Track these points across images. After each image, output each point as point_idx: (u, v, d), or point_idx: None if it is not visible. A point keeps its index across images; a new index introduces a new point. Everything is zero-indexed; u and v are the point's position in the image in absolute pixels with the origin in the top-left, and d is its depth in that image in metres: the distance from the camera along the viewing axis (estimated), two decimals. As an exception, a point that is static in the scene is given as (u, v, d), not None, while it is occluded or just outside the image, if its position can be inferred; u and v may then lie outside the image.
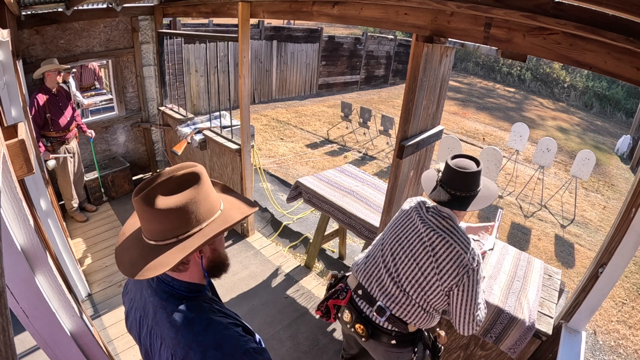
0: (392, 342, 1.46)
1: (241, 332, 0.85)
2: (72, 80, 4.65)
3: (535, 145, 7.02)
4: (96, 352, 1.33)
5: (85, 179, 3.65)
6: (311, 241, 3.22)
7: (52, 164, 3.05)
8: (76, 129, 3.39)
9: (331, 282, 1.69)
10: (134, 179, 4.18)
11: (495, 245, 2.01)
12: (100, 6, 3.53)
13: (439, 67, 1.92)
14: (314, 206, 2.85)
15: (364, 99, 10.73)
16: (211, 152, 3.58)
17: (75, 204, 3.48)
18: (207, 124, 3.66)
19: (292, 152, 6.52)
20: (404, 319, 1.42)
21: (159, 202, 0.76)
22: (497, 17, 1.42)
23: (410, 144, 1.91)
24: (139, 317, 0.92)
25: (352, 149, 6.99)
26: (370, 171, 5.97)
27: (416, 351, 1.48)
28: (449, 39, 1.65)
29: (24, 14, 2.97)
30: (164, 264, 0.75)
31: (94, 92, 5.64)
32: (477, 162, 1.39)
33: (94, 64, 5.68)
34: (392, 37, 12.05)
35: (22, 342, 2.17)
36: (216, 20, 8.06)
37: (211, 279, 0.94)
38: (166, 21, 4.39)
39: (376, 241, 1.58)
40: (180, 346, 0.80)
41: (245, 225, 3.45)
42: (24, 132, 0.96)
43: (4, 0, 2.13)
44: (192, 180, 0.81)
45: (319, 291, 2.93)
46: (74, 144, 3.37)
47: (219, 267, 0.92)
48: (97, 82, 5.85)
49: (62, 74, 3.13)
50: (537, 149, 5.92)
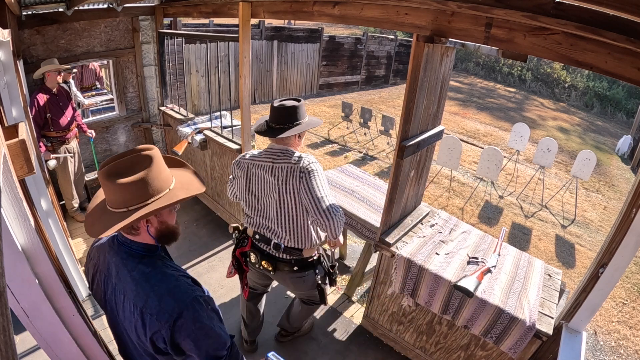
0: (295, 268, 1.78)
1: (190, 283, 1.03)
2: (72, 80, 4.65)
3: (535, 145, 7.01)
4: (96, 352, 1.33)
5: (85, 179, 3.65)
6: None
7: (52, 163, 3.05)
8: (77, 129, 3.40)
9: (236, 236, 1.95)
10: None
11: (498, 262, 2.03)
12: (101, 6, 3.53)
13: (439, 67, 1.92)
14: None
15: (365, 99, 10.72)
16: (212, 152, 3.58)
17: (75, 203, 3.49)
18: (208, 124, 3.66)
19: (293, 152, 6.50)
20: (295, 246, 1.73)
21: (116, 178, 0.93)
22: (498, 17, 1.42)
23: (411, 144, 1.91)
24: (103, 278, 1.07)
25: (353, 149, 6.99)
26: (370, 171, 5.97)
27: (317, 272, 1.83)
28: (450, 39, 1.65)
29: (24, 14, 2.97)
30: (111, 227, 0.93)
31: (94, 92, 5.65)
32: (297, 101, 1.68)
33: (95, 64, 5.69)
34: (393, 37, 12.04)
35: (23, 342, 2.18)
36: (217, 20, 8.06)
37: (166, 247, 1.14)
38: (167, 21, 4.39)
39: (246, 197, 1.83)
40: (140, 297, 0.97)
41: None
42: (25, 132, 0.96)
43: (4, 0, 2.13)
44: (146, 162, 0.97)
45: (319, 291, 2.93)
46: (74, 144, 3.37)
47: (167, 235, 1.07)
48: (97, 82, 5.85)
49: (62, 74, 3.13)
50: (537, 149, 5.91)
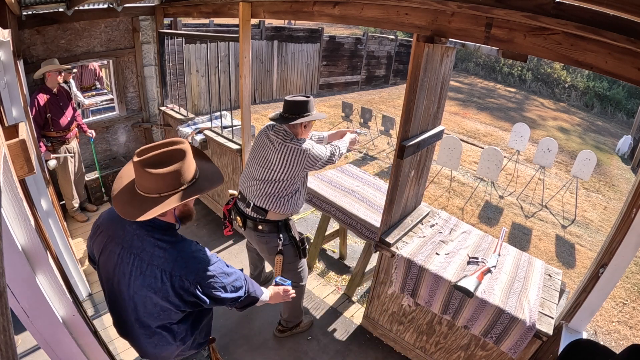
0: (259, 227, 2.02)
1: (203, 247, 1.23)
2: (72, 80, 4.65)
3: (536, 145, 7.01)
4: (96, 352, 1.33)
5: (86, 178, 3.65)
6: (312, 241, 3.22)
7: (52, 163, 3.05)
8: (77, 129, 3.40)
9: (230, 198, 2.28)
10: (134, 179, 4.18)
11: (498, 262, 2.03)
12: (101, 6, 3.53)
13: (439, 67, 1.92)
14: (315, 206, 2.85)
15: (365, 99, 10.72)
16: (212, 152, 3.58)
17: (76, 203, 3.49)
18: (208, 124, 3.66)
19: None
20: (262, 206, 1.97)
21: (153, 168, 1.05)
22: (498, 17, 1.41)
23: (411, 144, 1.91)
24: (119, 250, 1.16)
25: (353, 149, 6.99)
26: (371, 171, 5.97)
27: (281, 238, 2.03)
28: (450, 39, 1.65)
29: (24, 14, 2.97)
30: (147, 212, 1.06)
31: (94, 92, 5.64)
32: (307, 97, 1.95)
33: (95, 64, 5.69)
34: (393, 37, 12.04)
35: (23, 341, 2.18)
36: (217, 20, 8.06)
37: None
38: (167, 21, 4.38)
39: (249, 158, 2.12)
40: (168, 261, 1.12)
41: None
42: (25, 132, 0.96)
43: (4, 0, 2.13)
44: (180, 155, 1.10)
45: (319, 291, 2.93)
46: (74, 144, 3.37)
47: (187, 217, 1.24)
48: (97, 82, 5.85)
49: (62, 74, 3.13)
50: (537, 149, 5.91)
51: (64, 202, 3.46)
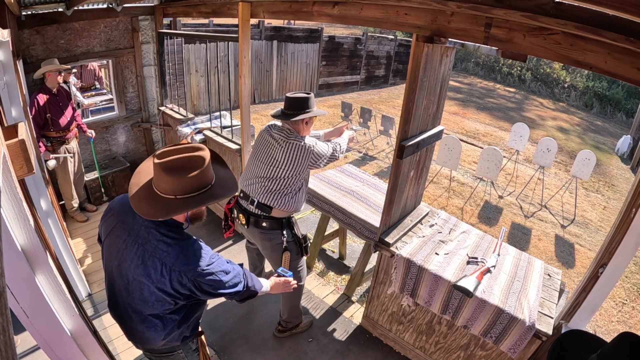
0: (263, 224, 2.03)
1: (208, 247, 1.27)
2: (72, 79, 4.64)
3: (535, 145, 7.01)
4: (96, 352, 1.33)
5: (85, 179, 3.64)
6: (311, 241, 3.22)
7: (52, 164, 3.05)
8: (76, 129, 3.39)
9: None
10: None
11: (497, 262, 2.03)
12: (100, 6, 3.53)
13: (439, 67, 1.92)
14: (314, 206, 2.85)
15: (364, 99, 10.72)
16: (211, 152, 3.58)
17: (75, 204, 3.48)
18: (208, 124, 3.66)
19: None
20: (267, 203, 1.98)
21: (173, 172, 1.09)
22: (498, 17, 1.42)
23: (410, 144, 1.91)
24: (125, 237, 1.22)
25: (353, 149, 6.99)
26: (370, 171, 5.97)
27: (285, 235, 2.04)
28: (449, 39, 1.65)
29: (24, 14, 2.97)
30: (167, 216, 1.12)
31: (94, 92, 5.64)
32: (307, 94, 1.98)
33: (94, 64, 5.68)
34: (393, 37, 12.04)
35: (23, 342, 2.18)
36: (216, 20, 8.06)
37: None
38: (166, 21, 4.39)
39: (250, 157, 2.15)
40: (170, 256, 1.17)
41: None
42: (24, 132, 0.96)
43: (4, 0, 2.13)
44: (200, 163, 1.13)
45: (319, 291, 2.93)
46: (74, 144, 3.37)
47: (197, 218, 1.30)
48: (97, 82, 5.85)
49: (62, 74, 3.13)
50: (537, 149, 5.92)
51: (63, 202, 3.46)
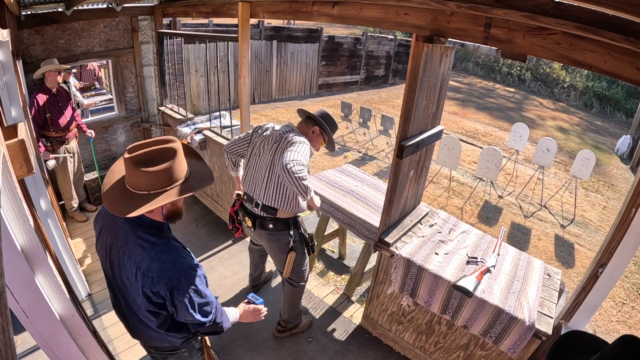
0: (270, 226, 2.02)
1: (188, 253, 1.21)
2: (72, 79, 4.64)
3: (535, 145, 7.02)
4: (96, 352, 1.33)
5: (85, 179, 3.64)
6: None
7: (52, 164, 3.04)
8: (76, 129, 3.39)
9: (235, 199, 2.27)
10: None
11: (497, 262, 2.03)
12: (100, 6, 3.53)
13: (438, 67, 1.92)
14: (314, 206, 2.85)
15: (364, 99, 10.73)
16: (211, 152, 3.58)
17: (75, 204, 3.48)
18: (207, 124, 3.66)
19: (292, 152, 6.50)
20: (271, 205, 1.98)
21: (143, 166, 1.05)
22: (497, 17, 1.42)
23: (410, 144, 1.91)
24: (110, 240, 1.20)
25: (352, 149, 7.00)
26: (370, 171, 5.97)
27: (292, 235, 2.04)
28: (449, 39, 1.65)
29: (24, 14, 2.97)
30: (137, 209, 1.05)
31: (93, 92, 5.64)
32: (332, 119, 2.08)
33: (94, 64, 5.68)
34: (392, 37, 12.04)
35: (23, 342, 2.17)
36: (216, 20, 8.06)
37: (170, 226, 1.29)
38: (166, 21, 4.38)
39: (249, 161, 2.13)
40: (144, 260, 1.12)
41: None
42: (24, 132, 0.96)
43: (4, 0, 2.13)
44: (171, 154, 1.10)
45: (319, 291, 2.93)
46: (73, 144, 3.37)
47: (175, 215, 1.24)
48: (97, 82, 5.84)
49: (62, 74, 3.12)
50: (537, 149, 5.92)
51: (63, 202, 3.46)
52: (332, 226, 3.56)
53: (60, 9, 3.19)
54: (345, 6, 1.97)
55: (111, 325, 2.43)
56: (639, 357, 1.02)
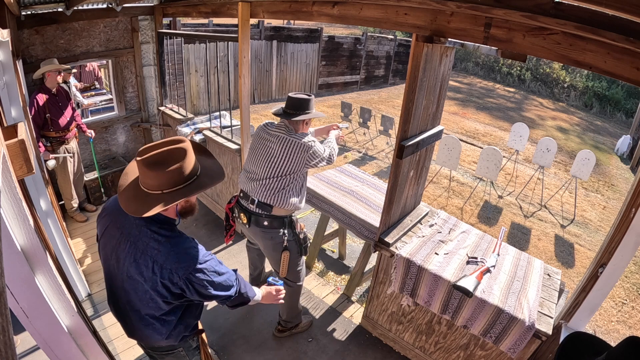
0: (265, 223, 2.04)
1: (198, 244, 1.26)
2: (72, 79, 4.64)
3: (535, 145, 7.02)
4: (96, 352, 1.33)
5: (85, 179, 3.64)
6: (311, 241, 3.22)
7: (52, 164, 3.04)
8: (76, 129, 3.39)
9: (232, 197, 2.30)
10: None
11: (497, 262, 2.03)
12: (100, 6, 3.53)
13: (438, 67, 1.92)
14: (314, 206, 2.85)
15: (364, 99, 10.72)
16: (211, 152, 3.58)
17: (75, 204, 3.48)
18: (207, 124, 3.66)
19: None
20: (267, 202, 2.00)
21: (155, 167, 1.10)
22: (497, 17, 1.42)
23: (410, 144, 1.91)
24: (119, 236, 1.22)
25: (352, 149, 7.00)
26: (370, 171, 5.97)
27: (286, 233, 2.06)
28: (449, 39, 1.65)
29: (23, 13, 2.97)
30: (152, 209, 1.11)
31: (93, 92, 5.64)
32: (308, 95, 2.03)
33: (94, 64, 5.68)
34: (392, 37, 12.04)
35: (23, 342, 2.17)
36: (216, 20, 8.06)
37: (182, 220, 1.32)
38: (166, 21, 4.38)
39: (248, 157, 2.18)
40: (161, 254, 1.17)
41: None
42: (24, 132, 0.96)
43: (3, 0, 2.13)
44: (182, 154, 1.14)
45: (319, 291, 2.93)
46: (73, 144, 3.37)
47: (188, 212, 1.29)
48: (97, 82, 5.84)
49: (62, 74, 3.12)
50: (537, 149, 5.92)
51: (63, 202, 3.46)
52: (332, 226, 3.56)
53: (60, 9, 3.19)
54: (345, 6, 1.97)
55: (111, 325, 2.43)
56: None
